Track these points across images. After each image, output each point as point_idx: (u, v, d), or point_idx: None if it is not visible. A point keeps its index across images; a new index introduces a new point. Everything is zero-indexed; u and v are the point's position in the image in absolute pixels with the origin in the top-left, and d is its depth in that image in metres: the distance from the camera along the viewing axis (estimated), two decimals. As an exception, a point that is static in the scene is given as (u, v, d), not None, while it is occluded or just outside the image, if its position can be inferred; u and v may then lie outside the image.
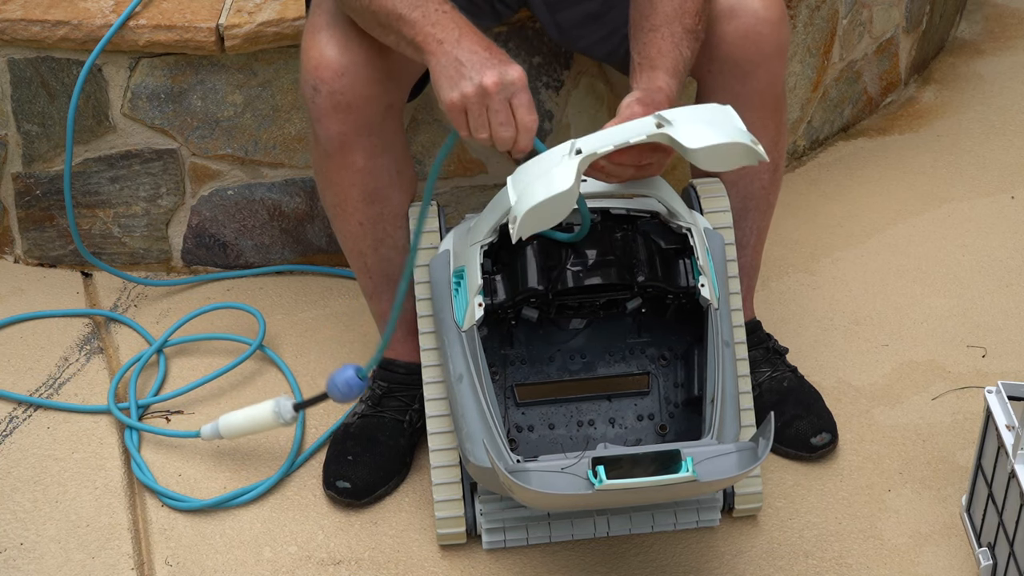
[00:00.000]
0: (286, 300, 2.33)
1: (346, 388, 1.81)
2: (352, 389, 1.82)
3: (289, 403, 1.91)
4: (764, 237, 2.01)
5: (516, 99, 1.58)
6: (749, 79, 1.82)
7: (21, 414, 2.11)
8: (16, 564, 1.87)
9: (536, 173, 1.59)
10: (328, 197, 1.88)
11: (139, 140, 2.27)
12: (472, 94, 1.56)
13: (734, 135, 1.59)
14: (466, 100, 1.57)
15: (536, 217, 1.57)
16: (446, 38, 1.59)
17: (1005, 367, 2.15)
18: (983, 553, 1.80)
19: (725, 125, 1.60)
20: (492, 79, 1.56)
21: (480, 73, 1.56)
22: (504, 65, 1.57)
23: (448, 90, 1.57)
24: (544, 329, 1.84)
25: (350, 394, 1.83)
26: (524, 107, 1.58)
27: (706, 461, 1.56)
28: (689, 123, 1.58)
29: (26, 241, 2.39)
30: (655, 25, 1.70)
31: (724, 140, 1.57)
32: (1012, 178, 2.58)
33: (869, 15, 2.65)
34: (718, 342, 1.70)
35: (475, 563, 1.86)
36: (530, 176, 1.60)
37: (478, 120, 1.58)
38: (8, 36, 2.18)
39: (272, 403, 1.92)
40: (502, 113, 1.57)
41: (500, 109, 1.57)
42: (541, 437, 1.83)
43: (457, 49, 1.58)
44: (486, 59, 1.57)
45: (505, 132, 1.58)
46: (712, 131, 1.58)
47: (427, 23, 1.60)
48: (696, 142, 1.56)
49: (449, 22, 1.60)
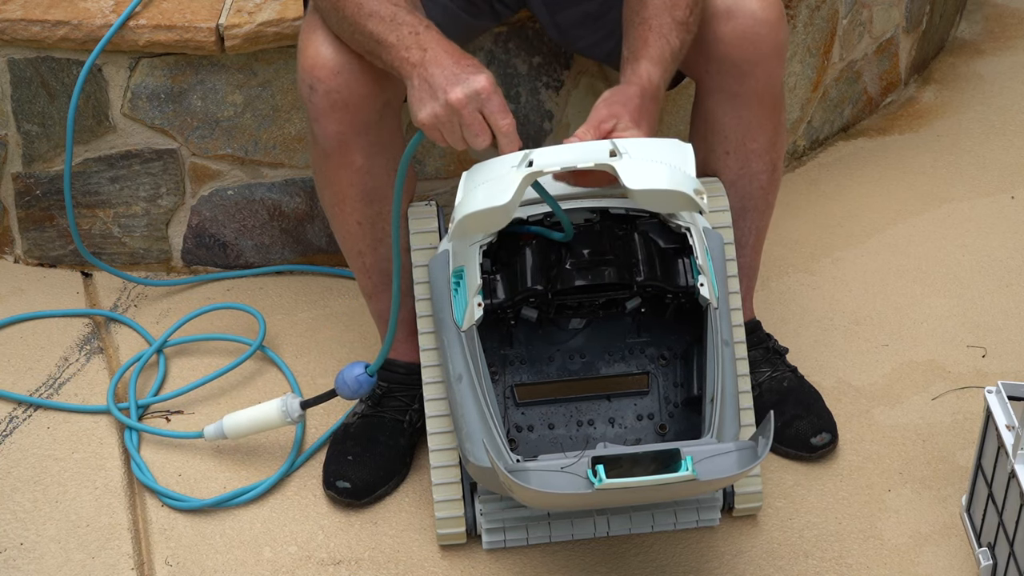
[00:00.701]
0: (286, 300, 2.33)
1: (356, 385, 1.87)
2: (362, 386, 1.87)
3: (296, 401, 1.92)
4: (763, 237, 2.01)
5: (487, 108, 1.59)
6: (747, 79, 1.82)
7: (21, 414, 2.11)
8: (16, 564, 1.87)
9: (487, 176, 1.61)
10: (327, 196, 1.88)
11: (139, 140, 2.27)
12: (441, 112, 1.59)
13: (678, 182, 1.57)
14: (437, 119, 1.60)
15: (475, 222, 1.60)
16: (418, 60, 1.62)
17: (1005, 367, 2.15)
18: (983, 553, 1.80)
19: (676, 169, 1.59)
20: (457, 95, 1.58)
21: (445, 91, 1.58)
22: (469, 76, 1.59)
23: (419, 110, 1.61)
24: (543, 329, 1.84)
25: (359, 391, 1.88)
26: (497, 113, 1.60)
27: (706, 460, 1.56)
28: (640, 159, 1.58)
29: (26, 241, 2.39)
30: (644, 18, 1.71)
31: (665, 187, 1.56)
32: (1012, 178, 2.58)
33: (869, 15, 2.65)
34: (717, 341, 1.70)
35: (475, 563, 1.86)
36: (480, 177, 1.62)
37: (453, 135, 1.61)
38: (8, 36, 2.18)
39: (279, 402, 1.93)
40: (475, 125, 1.59)
41: (472, 122, 1.59)
42: (541, 437, 1.83)
43: (427, 69, 1.60)
44: (452, 74, 1.59)
45: (481, 142, 1.60)
46: (659, 174, 1.57)
47: (401, 47, 1.63)
48: (637, 183, 1.55)
49: (420, 44, 1.63)
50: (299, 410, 1.94)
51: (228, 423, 1.97)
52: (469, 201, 1.59)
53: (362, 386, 1.89)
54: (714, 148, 1.90)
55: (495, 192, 1.57)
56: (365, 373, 1.88)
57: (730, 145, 1.89)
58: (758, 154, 1.89)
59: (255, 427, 1.96)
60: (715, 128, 1.88)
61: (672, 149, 1.62)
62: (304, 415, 1.96)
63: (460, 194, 1.63)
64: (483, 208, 1.57)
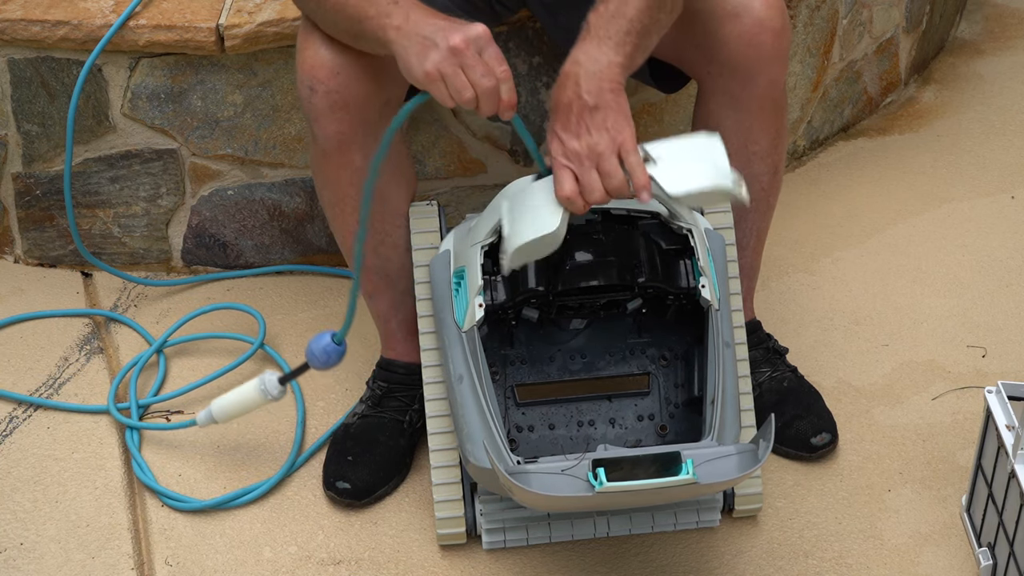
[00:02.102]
0: (286, 300, 2.33)
1: (324, 355, 1.81)
2: (330, 355, 1.82)
3: (274, 377, 1.89)
4: (764, 238, 2.01)
5: (486, 53, 1.57)
6: (750, 83, 1.82)
7: (21, 414, 2.11)
8: (16, 564, 1.87)
9: (530, 204, 1.61)
10: (327, 196, 1.88)
11: (139, 140, 2.27)
12: (444, 58, 1.56)
13: (718, 179, 1.57)
14: (440, 66, 1.56)
15: (525, 252, 1.60)
16: (402, 23, 1.59)
17: (1005, 367, 2.15)
18: (983, 553, 1.81)
19: (710, 164, 1.59)
20: (458, 38, 1.55)
21: (445, 38, 1.55)
22: (466, 25, 1.57)
23: (419, 64, 1.57)
24: (544, 329, 1.84)
25: (329, 361, 1.82)
26: (495, 59, 1.58)
27: (706, 463, 1.56)
28: (674, 162, 1.58)
29: (26, 241, 2.39)
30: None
31: (707, 187, 1.57)
32: (1012, 178, 2.58)
33: (869, 15, 2.65)
34: (718, 343, 1.70)
35: (475, 563, 1.87)
36: (524, 208, 1.61)
37: (457, 81, 1.57)
38: (8, 36, 2.18)
39: (257, 380, 1.89)
40: (479, 67, 1.56)
41: (475, 64, 1.56)
42: (541, 437, 1.83)
43: (416, 27, 1.58)
44: (446, 25, 1.57)
45: (487, 82, 1.57)
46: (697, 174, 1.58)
47: (382, 15, 1.61)
48: (679, 187, 1.56)
49: (401, 10, 1.61)
50: (278, 386, 1.89)
51: (216, 407, 1.94)
52: (519, 232, 1.59)
53: (330, 356, 1.83)
54: (716, 149, 1.90)
55: (542, 222, 1.58)
56: (332, 342, 1.84)
57: (732, 147, 1.87)
58: (760, 156, 1.89)
59: (241, 408, 1.93)
60: (717, 130, 1.87)
61: (701, 144, 1.61)
62: (284, 390, 1.91)
63: (507, 226, 1.62)
64: (533, 238, 1.58)
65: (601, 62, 1.59)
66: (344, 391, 2.14)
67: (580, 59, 1.60)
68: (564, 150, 1.58)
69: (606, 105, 1.58)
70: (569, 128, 1.58)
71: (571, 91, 1.59)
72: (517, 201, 1.64)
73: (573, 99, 1.59)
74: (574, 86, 1.59)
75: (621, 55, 1.60)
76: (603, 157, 1.57)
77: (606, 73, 1.59)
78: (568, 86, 1.60)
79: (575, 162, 1.58)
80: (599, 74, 1.59)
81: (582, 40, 1.62)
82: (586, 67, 1.59)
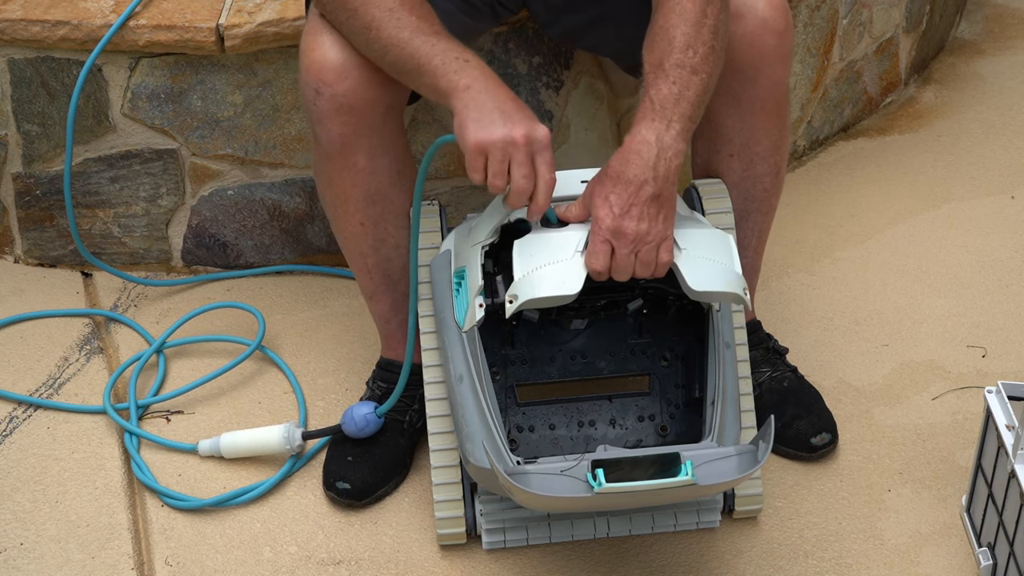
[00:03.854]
0: (286, 300, 2.33)
1: (363, 423, 1.94)
2: (368, 424, 1.94)
3: (299, 432, 1.98)
4: (765, 239, 2.01)
5: (540, 156, 1.59)
6: (752, 84, 1.82)
7: (21, 414, 2.11)
8: (16, 564, 1.87)
9: (545, 257, 1.62)
10: (329, 198, 1.88)
11: (139, 140, 2.27)
12: (499, 140, 1.57)
13: (733, 284, 1.62)
14: (491, 146, 1.58)
15: (536, 303, 1.61)
16: (473, 84, 1.60)
17: (1005, 367, 2.15)
18: (983, 553, 1.81)
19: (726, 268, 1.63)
20: (521, 132, 1.57)
21: (511, 124, 1.57)
22: (533, 122, 1.59)
23: (475, 131, 1.58)
24: (545, 329, 1.84)
25: (365, 430, 1.94)
26: (546, 164, 1.60)
27: (706, 464, 1.56)
28: (697, 257, 1.63)
29: (26, 241, 2.39)
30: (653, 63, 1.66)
31: (723, 289, 1.61)
32: (1012, 178, 2.58)
33: (869, 15, 2.65)
34: (719, 344, 1.70)
35: (475, 563, 1.87)
36: (539, 257, 1.62)
37: (498, 167, 1.59)
38: (8, 36, 2.18)
39: (282, 428, 1.97)
40: (525, 166, 1.59)
41: (524, 162, 1.59)
42: (542, 437, 1.83)
43: (487, 95, 1.59)
44: (514, 112, 1.59)
45: (525, 183, 1.59)
46: (716, 275, 1.62)
47: (450, 71, 1.62)
48: (699, 284, 1.61)
49: (474, 71, 1.62)
50: (299, 440, 1.98)
51: (225, 442, 1.99)
52: (535, 286, 1.60)
53: (368, 424, 1.94)
54: (718, 150, 1.90)
55: (562, 281, 1.59)
56: (374, 413, 1.94)
57: (734, 148, 1.89)
58: (762, 157, 1.89)
59: (253, 450, 2.00)
60: (719, 131, 1.88)
61: (718, 243, 1.66)
62: (304, 446, 1.99)
63: (518, 270, 1.62)
64: (550, 295, 1.59)
65: (672, 149, 1.61)
66: (344, 391, 2.14)
67: (651, 140, 1.61)
68: (613, 227, 1.59)
69: (668, 197, 1.61)
70: (626, 208, 1.59)
71: (639, 171, 1.60)
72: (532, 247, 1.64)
73: (640, 181, 1.59)
74: (644, 168, 1.60)
75: (684, 142, 1.62)
76: (647, 247, 1.60)
77: (673, 163, 1.61)
78: (637, 164, 1.60)
79: (619, 242, 1.60)
80: (668, 162, 1.61)
81: (649, 118, 1.62)
82: (660, 152, 1.60)
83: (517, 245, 1.64)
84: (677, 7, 1.65)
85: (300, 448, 1.99)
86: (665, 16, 1.65)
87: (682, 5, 1.64)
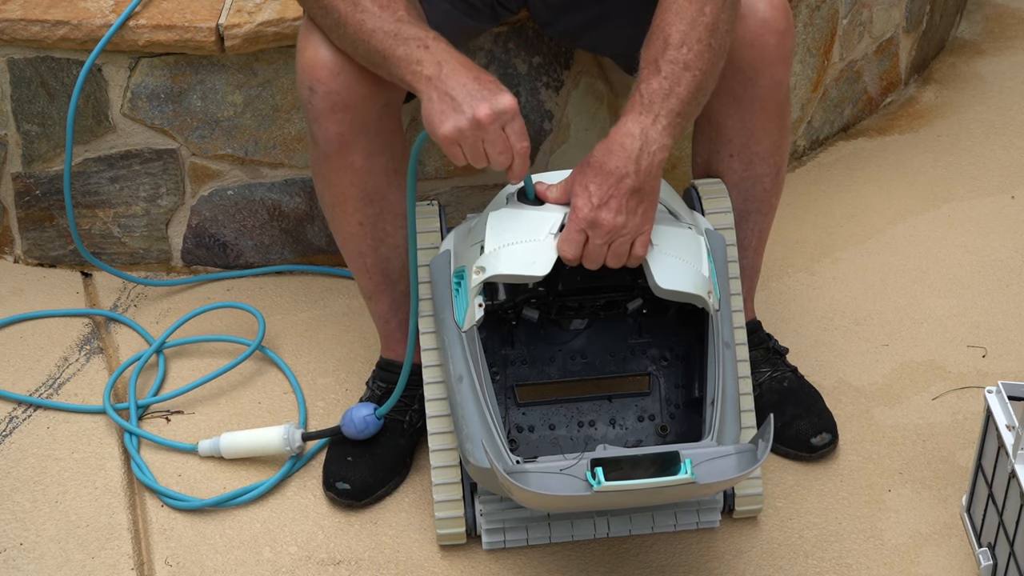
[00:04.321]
0: (286, 300, 2.33)
1: (362, 424, 1.93)
2: (368, 426, 1.94)
3: (299, 433, 1.98)
4: (765, 239, 2.01)
5: (510, 127, 1.59)
6: (752, 84, 1.82)
7: (21, 414, 2.11)
8: (16, 564, 1.87)
9: (519, 235, 1.64)
10: (327, 197, 1.88)
11: (139, 140, 2.27)
12: (467, 127, 1.57)
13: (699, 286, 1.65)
14: (460, 133, 1.58)
15: (504, 278, 1.64)
16: (433, 73, 1.60)
17: (1005, 367, 2.15)
18: (983, 553, 1.80)
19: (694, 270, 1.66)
20: (485, 111, 1.57)
21: (472, 106, 1.57)
22: (495, 95, 1.58)
23: (441, 124, 1.58)
24: (545, 329, 1.84)
25: (365, 431, 1.94)
26: (516, 134, 1.59)
27: (705, 463, 1.56)
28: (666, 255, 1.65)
29: (26, 241, 2.39)
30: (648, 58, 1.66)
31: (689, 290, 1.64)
32: (1012, 178, 2.58)
33: (869, 15, 2.65)
34: (718, 343, 1.70)
35: (475, 563, 1.87)
36: (512, 234, 1.64)
37: (474, 151, 1.59)
38: (8, 36, 2.18)
39: (282, 429, 1.97)
40: (499, 143, 1.59)
41: (496, 139, 1.58)
42: (542, 437, 1.83)
43: (446, 83, 1.59)
44: (476, 91, 1.58)
45: (503, 159, 1.60)
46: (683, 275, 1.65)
47: (412, 60, 1.61)
48: (666, 283, 1.63)
49: (432, 57, 1.61)
50: (299, 441, 1.98)
51: (225, 443, 1.99)
52: (505, 261, 1.62)
53: (368, 426, 1.94)
54: (718, 150, 1.90)
55: (531, 260, 1.61)
56: (373, 414, 1.94)
57: (734, 148, 1.89)
58: (762, 157, 1.89)
59: (253, 450, 2.00)
60: (719, 130, 1.88)
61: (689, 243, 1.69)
62: (303, 446, 1.99)
63: (490, 242, 1.64)
64: (518, 273, 1.62)
65: (657, 143, 1.61)
66: (344, 391, 2.14)
67: (635, 133, 1.61)
68: (590, 218, 1.60)
69: (649, 191, 1.61)
70: (605, 199, 1.60)
71: (621, 163, 1.60)
72: (507, 222, 1.66)
73: (620, 173, 1.60)
74: (626, 160, 1.60)
75: (670, 137, 1.62)
76: (622, 239, 1.61)
77: (657, 157, 1.61)
78: (620, 156, 1.60)
79: (594, 232, 1.60)
80: (652, 156, 1.60)
81: (636, 112, 1.62)
82: (643, 145, 1.60)
83: (492, 217, 1.66)
84: (674, 6, 1.65)
85: (300, 449, 1.99)
86: (662, 15, 1.66)
87: (679, 3, 1.65)
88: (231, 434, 2.00)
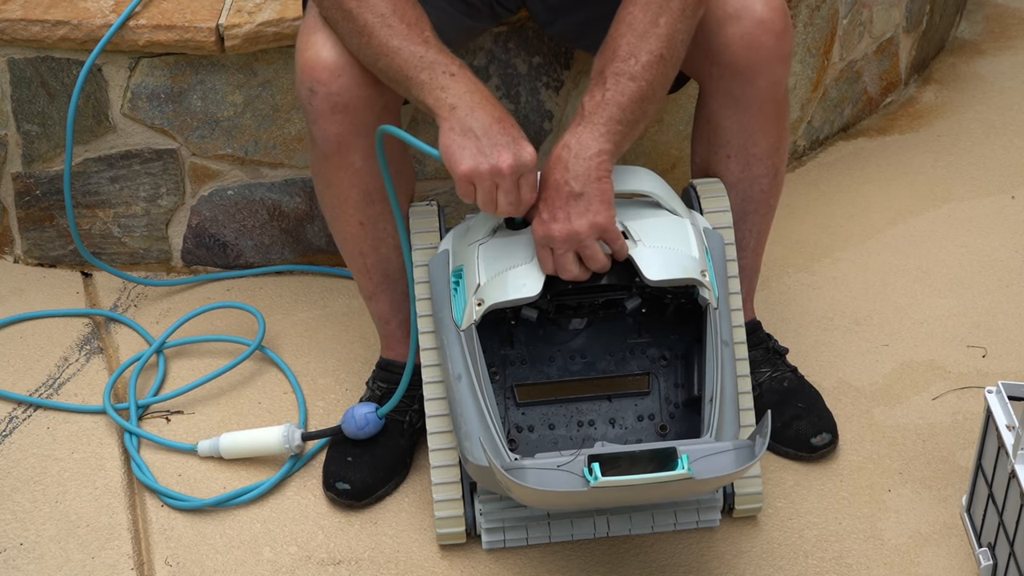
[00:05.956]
0: (286, 300, 2.33)
1: (363, 422, 1.94)
2: (368, 424, 1.94)
3: (298, 432, 1.98)
4: (764, 239, 2.00)
5: (524, 179, 1.62)
6: (750, 85, 1.82)
7: (21, 414, 2.11)
8: (16, 564, 1.87)
9: (507, 262, 1.68)
10: (327, 198, 1.88)
11: (139, 140, 2.27)
12: (486, 172, 1.60)
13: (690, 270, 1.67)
14: (478, 175, 1.60)
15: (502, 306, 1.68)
16: (459, 104, 1.61)
17: (1005, 367, 2.15)
18: (983, 553, 1.80)
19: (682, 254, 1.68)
20: (508, 161, 1.60)
21: (497, 153, 1.59)
22: (518, 145, 1.61)
23: (461, 161, 1.60)
24: (544, 329, 1.84)
25: (365, 430, 1.95)
26: (529, 186, 1.63)
27: (702, 459, 1.56)
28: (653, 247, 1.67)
29: (26, 241, 2.40)
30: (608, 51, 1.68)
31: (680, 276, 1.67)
32: (1012, 178, 2.58)
33: (869, 15, 2.65)
34: (717, 342, 1.70)
35: (475, 563, 1.87)
36: (501, 262, 1.69)
37: (487, 196, 1.62)
38: (8, 36, 2.18)
39: (282, 429, 1.97)
40: (512, 193, 1.62)
41: (510, 189, 1.62)
42: (541, 437, 1.83)
43: (471, 118, 1.60)
44: (499, 136, 1.60)
45: (510, 209, 1.64)
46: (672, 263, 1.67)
47: (436, 87, 1.63)
48: (655, 274, 1.66)
49: (460, 87, 1.62)
50: (299, 441, 1.98)
51: (225, 443, 2.00)
52: (499, 290, 1.67)
53: (368, 424, 1.95)
54: (716, 151, 1.90)
55: (522, 282, 1.67)
56: (374, 414, 1.95)
57: (732, 149, 1.89)
58: (760, 158, 1.89)
59: (253, 450, 2.00)
60: (717, 131, 1.88)
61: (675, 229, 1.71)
62: (303, 446, 1.99)
63: (482, 274, 1.69)
64: (512, 298, 1.66)
65: (592, 149, 1.63)
66: (344, 391, 2.14)
67: (571, 144, 1.65)
68: (544, 233, 1.65)
69: (592, 193, 1.63)
70: (552, 212, 1.64)
71: (559, 175, 1.64)
72: (498, 251, 1.70)
73: (560, 184, 1.64)
74: (563, 171, 1.64)
75: (610, 143, 1.64)
76: (583, 243, 1.64)
77: (594, 160, 1.64)
78: (558, 169, 1.64)
79: (554, 244, 1.64)
80: (587, 161, 1.63)
81: (575, 124, 1.66)
82: (576, 153, 1.64)
83: (482, 251, 1.71)
84: (627, 17, 1.68)
85: (300, 449, 1.99)
86: (615, 27, 1.69)
87: (632, 15, 1.67)
88: (231, 434, 2.00)
